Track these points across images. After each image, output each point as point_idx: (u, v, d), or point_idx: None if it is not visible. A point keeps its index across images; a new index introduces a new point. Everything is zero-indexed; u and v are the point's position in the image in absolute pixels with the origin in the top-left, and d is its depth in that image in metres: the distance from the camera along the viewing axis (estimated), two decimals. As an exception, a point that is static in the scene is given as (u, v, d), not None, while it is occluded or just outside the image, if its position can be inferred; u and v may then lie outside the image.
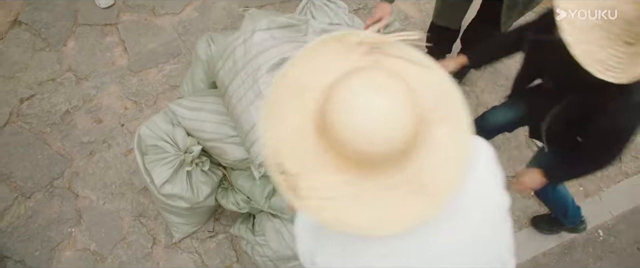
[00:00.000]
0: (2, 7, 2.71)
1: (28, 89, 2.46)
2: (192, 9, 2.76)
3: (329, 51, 0.69)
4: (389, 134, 0.60)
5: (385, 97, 0.61)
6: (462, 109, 0.68)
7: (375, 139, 0.60)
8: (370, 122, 0.60)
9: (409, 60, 0.69)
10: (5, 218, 2.15)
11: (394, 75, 0.63)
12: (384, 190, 0.64)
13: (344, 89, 0.62)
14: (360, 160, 0.62)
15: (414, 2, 2.76)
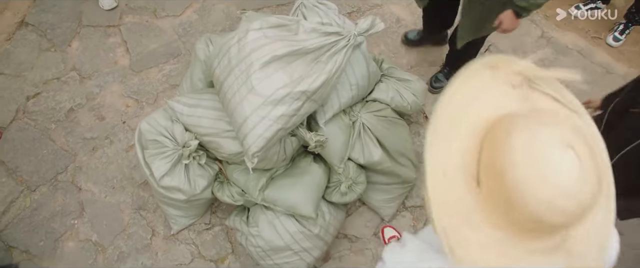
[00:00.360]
0: (9, 9, 2.85)
1: (34, 87, 2.59)
2: (192, 12, 2.89)
3: (482, 77, 0.65)
4: (581, 204, 0.54)
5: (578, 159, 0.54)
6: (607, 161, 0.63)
7: (566, 210, 0.53)
8: (562, 192, 0.53)
9: (561, 102, 0.65)
10: (12, 211, 2.26)
11: (579, 133, 0.57)
12: (535, 255, 0.58)
13: (529, 142, 0.55)
14: (529, 225, 0.56)
15: (406, 5, 2.87)
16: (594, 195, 0.54)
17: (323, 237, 1.98)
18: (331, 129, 1.90)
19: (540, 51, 2.68)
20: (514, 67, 0.64)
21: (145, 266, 2.13)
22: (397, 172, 2.08)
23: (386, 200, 2.19)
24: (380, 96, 2.09)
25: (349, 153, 1.96)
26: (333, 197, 2.00)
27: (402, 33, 2.74)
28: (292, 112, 1.61)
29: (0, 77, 2.61)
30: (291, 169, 2.02)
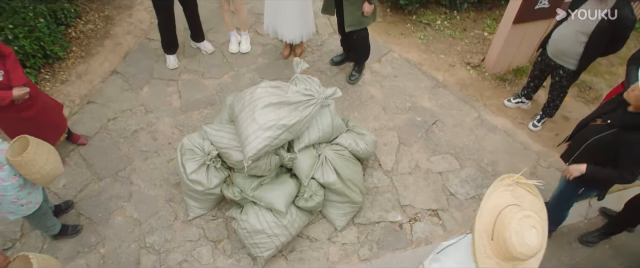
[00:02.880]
0: (107, 61, 4.46)
1: (113, 114, 4.02)
2: (227, 77, 4.36)
3: (499, 187, 1.61)
4: (535, 250, 1.44)
5: (536, 231, 1.44)
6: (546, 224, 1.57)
7: (529, 253, 1.43)
8: (531, 244, 1.43)
9: (529, 191, 1.64)
10: (85, 191, 3.54)
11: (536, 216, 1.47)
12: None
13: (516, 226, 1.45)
14: (511, 257, 1.47)
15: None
16: (541, 248, 1.48)
17: (289, 228, 3.09)
18: (303, 155, 3.14)
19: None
20: (513, 177, 1.65)
21: (166, 238, 3.29)
22: (347, 193, 3.22)
23: (339, 214, 3.31)
24: (341, 141, 3.33)
25: (313, 174, 3.16)
26: (299, 203, 3.16)
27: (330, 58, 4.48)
28: (275, 135, 2.88)
29: (94, 105, 4.09)
30: (274, 179, 3.22)
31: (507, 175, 1.65)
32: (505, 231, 1.47)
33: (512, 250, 1.46)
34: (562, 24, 3.25)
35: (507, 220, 1.49)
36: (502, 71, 4.34)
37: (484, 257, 1.53)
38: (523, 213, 1.49)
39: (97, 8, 5.05)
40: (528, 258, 1.48)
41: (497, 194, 1.62)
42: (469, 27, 4.82)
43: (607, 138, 2.40)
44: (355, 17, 3.59)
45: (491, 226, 1.54)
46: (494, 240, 1.52)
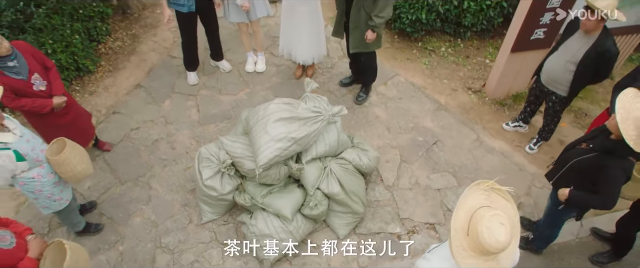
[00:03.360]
0: (133, 76, 4.87)
1: (136, 124, 4.40)
2: (243, 94, 4.73)
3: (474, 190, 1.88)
4: (504, 245, 1.69)
5: (505, 229, 1.70)
6: (518, 225, 1.88)
7: (498, 246, 1.69)
8: (499, 239, 1.69)
9: (503, 197, 1.90)
10: (107, 193, 3.87)
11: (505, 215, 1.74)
12: (486, 262, 1.77)
13: (487, 222, 1.72)
14: (483, 251, 1.73)
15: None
16: (509, 243, 1.73)
17: (294, 234, 3.37)
18: (310, 166, 3.44)
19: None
20: (487, 183, 1.90)
21: (180, 240, 3.58)
22: (349, 204, 3.50)
23: (341, 224, 3.58)
24: (346, 156, 3.63)
25: (318, 184, 3.45)
26: (305, 211, 3.44)
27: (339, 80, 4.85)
28: (285, 147, 3.20)
29: (119, 115, 4.47)
30: (283, 188, 3.52)
31: (482, 181, 1.92)
32: (477, 227, 1.74)
33: (483, 243, 1.72)
34: (553, 54, 3.55)
35: (479, 218, 1.76)
36: (502, 96, 4.63)
37: (460, 249, 1.80)
38: (493, 212, 1.76)
39: (126, 27, 5.53)
40: (498, 252, 1.74)
41: (473, 196, 1.89)
42: (471, 55, 5.15)
43: (588, 161, 2.66)
44: (360, 41, 3.95)
45: (467, 223, 1.81)
46: (469, 235, 1.79)
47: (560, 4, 3.73)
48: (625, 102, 2.33)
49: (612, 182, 2.52)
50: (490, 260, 1.79)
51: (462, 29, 5.10)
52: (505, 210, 1.86)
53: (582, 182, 2.69)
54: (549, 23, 3.89)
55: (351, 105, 4.57)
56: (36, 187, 2.95)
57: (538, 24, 3.88)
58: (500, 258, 1.80)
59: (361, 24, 3.85)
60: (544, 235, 3.33)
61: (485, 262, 1.78)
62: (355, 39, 3.98)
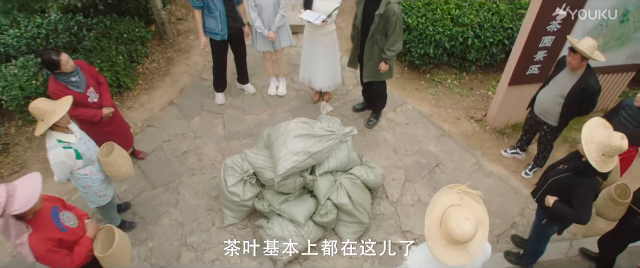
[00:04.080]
0: (166, 94, 5.48)
1: (168, 137, 4.96)
2: (265, 114, 5.27)
3: (448, 191, 2.32)
4: (469, 235, 2.11)
5: (470, 222, 2.11)
6: (487, 222, 2.30)
7: (464, 236, 2.11)
8: (464, 230, 2.10)
9: (474, 199, 2.32)
10: (140, 196, 4.39)
11: (474, 209, 2.25)
12: (456, 250, 2.18)
13: (455, 218, 2.14)
14: (453, 240, 2.15)
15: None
16: (473, 234, 2.14)
17: (306, 238, 3.81)
18: (322, 179, 3.92)
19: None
20: (460, 187, 2.36)
21: (203, 240, 4.05)
22: (356, 215, 3.94)
23: (348, 232, 4.00)
24: (355, 171, 4.10)
25: (329, 195, 3.91)
26: (316, 218, 3.89)
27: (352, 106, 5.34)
28: (301, 159, 3.69)
29: (153, 128, 5.05)
30: (297, 197, 3.99)
31: (455, 185, 2.37)
32: (448, 220, 2.17)
33: (451, 233, 2.14)
34: (545, 88, 4.01)
35: (449, 213, 2.19)
36: (502, 126, 5.07)
37: (434, 239, 2.23)
38: (462, 209, 2.19)
39: (162, 50, 6.20)
40: (464, 241, 2.15)
41: (448, 197, 2.32)
42: (475, 87, 5.64)
43: (563, 180, 3.08)
44: (373, 72, 4.49)
45: (440, 217, 2.24)
46: (441, 227, 2.22)
47: (551, 44, 4.23)
48: (591, 128, 2.77)
49: (583, 199, 2.92)
50: (460, 250, 2.20)
51: (467, 63, 5.62)
52: (474, 209, 2.28)
53: (559, 198, 3.10)
54: (543, 60, 4.38)
55: (362, 128, 5.06)
56: (87, 183, 3.49)
57: (532, 61, 4.37)
58: (469, 248, 2.21)
59: (374, 57, 4.39)
60: (532, 249, 3.69)
61: (454, 250, 2.19)
62: (368, 69, 4.52)
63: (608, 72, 4.74)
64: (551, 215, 3.20)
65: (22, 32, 5.56)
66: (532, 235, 3.60)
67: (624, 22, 4.19)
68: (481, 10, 5.31)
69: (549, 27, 4.08)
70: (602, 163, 2.73)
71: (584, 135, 2.76)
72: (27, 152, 5.10)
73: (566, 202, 3.04)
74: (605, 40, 4.36)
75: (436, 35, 5.29)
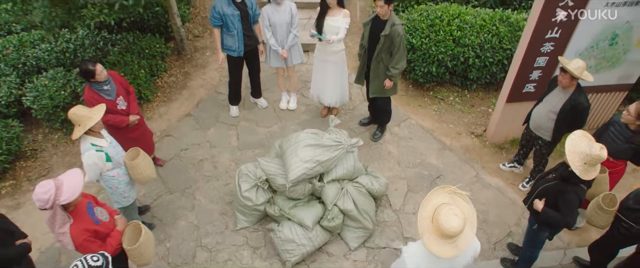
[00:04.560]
0: (183, 106, 5.87)
1: (185, 146, 5.32)
2: (276, 127, 5.63)
3: (439, 192, 2.65)
4: (457, 230, 2.39)
5: (458, 218, 2.40)
6: (475, 220, 2.58)
7: (452, 231, 2.39)
8: (453, 225, 2.38)
9: (463, 199, 2.62)
10: (159, 200, 4.73)
11: (462, 207, 2.55)
12: (446, 244, 2.46)
13: (445, 214, 2.44)
14: (443, 234, 2.43)
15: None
16: (463, 229, 2.44)
17: (313, 241, 4.10)
18: (330, 186, 4.23)
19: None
20: (450, 188, 2.82)
21: (217, 241, 4.35)
22: (361, 220, 4.23)
23: (353, 237, 4.29)
24: (360, 180, 4.41)
25: (336, 201, 4.21)
26: (323, 223, 4.18)
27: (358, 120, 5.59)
28: (311, 167, 4.02)
29: (171, 138, 5.42)
30: (306, 202, 4.30)
31: (446, 186, 2.67)
32: (438, 216, 2.46)
33: (441, 227, 2.43)
34: (539, 105, 4.32)
35: (440, 210, 2.49)
36: (500, 141, 5.37)
37: (426, 233, 2.52)
38: (450, 206, 2.49)
39: (179, 65, 6.63)
40: (454, 235, 2.42)
41: (439, 197, 2.62)
42: (476, 104, 5.96)
43: (551, 187, 3.36)
44: (378, 88, 4.84)
45: (431, 214, 2.55)
46: (433, 222, 2.52)
47: (545, 64, 4.56)
48: (573, 140, 3.08)
49: (569, 204, 3.20)
50: (450, 243, 2.49)
51: (469, 82, 5.96)
52: (463, 207, 2.57)
53: (548, 205, 3.38)
54: (538, 79, 4.71)
55: (368, 141, 5.39)
56: (114, 184, 3.83)
57: (528, 80, 4.70)
58: (458, 242, 2.50)
59: (380, 74, 4.75)
60: (525, 255, 3.94)
61: (445, 243, 2.48)
62: (374, 86, 4.87)
63: (601, 91, 5.05)
64: (541, 220, 3.48)
65: (52, 47, 6.02)
66: (526, 242, 3.86)
67: (613, 45, 4.52)
68: (482, 32, 5.67)
69: (542, 49, 4.43)
70: (584, 171, 3.02)
71: (567, 147, 3.06)
72: (52, 157, 5.48)
73: (554, 208, 3.32)
74: (597, 62, 4.69)
75: (439, 55, 5.65)
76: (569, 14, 4.20)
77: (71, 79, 5.49)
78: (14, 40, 6.17)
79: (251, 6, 4.95)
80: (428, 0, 6.63)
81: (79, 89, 5.35)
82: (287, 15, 4.99)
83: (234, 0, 4.79)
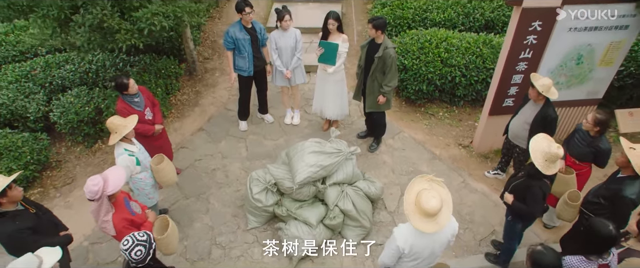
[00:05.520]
0: (196, 121, 6.49)
1: (199, 156, 5.90)
2: (282, 140, 6.23)
3: (419, 180, 3.26)
4: (436, 208, 2.97)
5: (436, 199, 2.98)
6: (450, 201, 3.20)
7: (432, 210, 2.98)
8: (432, 205, 2.97)
9: (440, 185, 3.22)
10: (176, 204, 5.28)
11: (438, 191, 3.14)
12: (429, 222, 3.05)
13: (425, 196, 3.02)
14: (425, 213, 3.01)
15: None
16: (441, 208, 3.05)
17: (317, 238, 4.65)
18: (331, 188, 4.81)
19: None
20: (429, 176, 3.43)
21: (230, 240, 4.89)
22: (359, 220, 4.79)
23: (352, 235, 4.84)
24: (358, 184, 5.00)
25: (337, 202, 4.78)
26: (325, 221, 4.74)
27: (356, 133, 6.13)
28: (315, 171, 4.61)
29: (185, 149, 6.01)
30: (311, 204, 4.87)
31: (425, 175, 3.27)
32: (420, 199, 3.04)
33: (423, 207, 2.99)
34: (515, 117, 4.95)
35: (421, 194, 3.06)
36: (486, 151, 5.98)
37: (412, 213, 3.09)
38: (429, 191, 3.07)
39: (191, 85, 7.28)
40: (434, 213, 2.99)
41: (421, 184, 3.19)
42: (464, 119, 6.60)
43: (520, 184, 3.96)
44: (374, 103, 5.47)
45: (415, 197, 3.12)
46: (415, 204, 3.09)
47: (521, 81, 5.22)
48: (536, 141, 3.69)
49: (534, 197, 3.79)
50: (432, 221, 3.06)
51: (456, 99, 6.62)
52: (439, 191, 3.16)
53: (518, 198, 3.97)
54: (515, 94, 5.36)
55: (365, 152, 5.99)
56: (141, 185, 4.40)
57: (507, 95, 5.36)
58: (438, 219, 3.07)
59: (375, 91, 5.39)
60: (505, 248, 4.50)
61: (428, 221, 3.04)
62: (370, 101, 5.51)
63: (573, 105, 5.70)
64: (512, 211, 4.05)
65: (76, 67, 6.67)
66: (504, 235, 4.43)
67: (579, 64, 5.20)
68: (467, 53, 6.36)
69: (517, 67, 5.10)
70: (546, 167, 3.63)
71: (531, 147, 3.68)
72: (76, 168, 6.05)
73: (523, 201, 3.91)
74: (567, 79, 5.36)
75: (429, 75, 6.32)
76: (538, 37, 4.89)
77: (94, 96, 6.12)
78: (40, 61, 6.83)
79: (260, 31, 5.64)
80: (418, 25, 7.37)
81: (102, 105, 5.98)
82: (292, 40, 5.67)
83: (245, 26, 5.48)
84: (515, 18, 4.72)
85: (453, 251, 4.83)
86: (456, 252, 4.85)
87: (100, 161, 6.09)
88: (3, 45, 7.27)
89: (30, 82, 6.54)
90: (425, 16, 7.41)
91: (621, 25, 4.88)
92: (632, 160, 3.57)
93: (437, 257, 3.42)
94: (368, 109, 5.60)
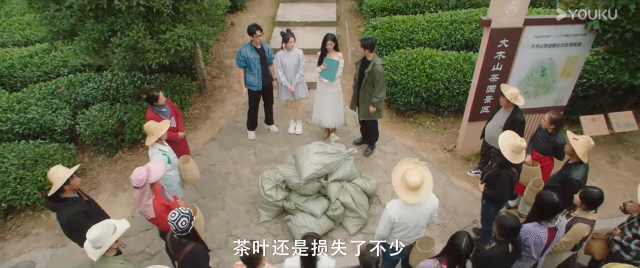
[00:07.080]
0: (208, 133, 7.32)
1: (212, 162, 6.71)
2: (287, 147, 7.07)
3: (405, 162, 4.15)
4: (418, 183, 3.80)
5: (418, 176, 3.81)
6: (430, 178, 4.04)
7: (415, 184, 3.81)
8: (415, 180, 3.80)
9: (421, 166, 4.06)
10: (194, 203, 6.03)
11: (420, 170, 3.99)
12: (412, 194, 3.88)
13: (409, 174, 3.84)
14: (409, 187, 3.85)
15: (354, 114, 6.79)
16: (422, 183, 3.90)
17: (321, 226, 5.44)
18: (333, 184, 5.64)
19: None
20: (413, 160, 4.34)
21: (244, 232, 5.65)
22: (357, 211, 5.60)
23: (352, 225, 5.64)
24: (356, 181, 5.83)
25: (338, 196, 5.60)
26: (328, 213, 5.54)
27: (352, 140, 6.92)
28: (318, 168, 5.45)
29: (200, 157, 6.81)
30: (315, 198, 5.67)
31: (411, 159, 4.11)
32: (405, 176, 3.88)
33: (407, 182, 3.81)
34: (490, 121, 5.85)
35: (406, 172, 3.89)
36: (468, 154, 6.86)
37: (399, 188, 3.92)
38: (412, 170, 3.90)
39: (202, 100, 8.14)
40: (416, 187, 3.82)
41: (406, 165, 4.04)
42: (448, 127, 7.51)
43: (492, 173, 4.82)
44: (366, 112, 6.35)
45: (401, 175, 3.95)
46: (402, 180, 3.92)
47: (494, 90, 6.15)
48: (503, 137, 4.60)
49: (501, 183, 4.66)
50: (415, 194, 3.88)
51: (441, 109, 7.55)
52: (421, 171, 4.00)
53: (490, 186, 4.82)
54: (490, 102, 6.29)
55: (361, 157, 6.83)
56: (170, 182, 5.19)
57: (483, 103, 6.28)
58: (420, 192, 3.90)
59: (366, 101, 6.29)
60: (483, 231, 5.32)
61: (412, 194, 3.86)
62: (363, 110, 6.39)
63: (541, 112, 6.62)
64: (485, 196, 4.90)
65: (98, 85, 7.51)
66: (482, 218, 5.26)
67: (544, 75, 6.16)
68: (449, 69, 7.32)
69: (490, 79, 6.04)
70: (513, 157, 4.51)
71: (500, 141, 4.57)
72: (99, 175, 6.81)
73: (494, 188, 4.77)
74: (535, 89, 6.31)
75: (415, 88, 7.26)
76: (506, 53, 5.85)
77: (116, 110, 6.94)
78: (64, 81, 7.66)
79: (268, 51, 6.56)
80: (406, 45, 8.36)
81: (124, 118, 6.79)
82: (296, 59, 6.59)
83: (256, 47, 6.40)
84: (486, 37, 5.69)
85: (440, 237, 5.63)
86: (443, 239, 5.65)
87: (122, 168, 6.86)
88: (29, 66, 8.12)
89: (57, 98, 7.35)
90: (412, 37, 8.42)
91: (575, 42, 5.87)
92: (575, 149, 4.47)
93: (422, 228, 4.24)
94: (361, 117, 6.48)
